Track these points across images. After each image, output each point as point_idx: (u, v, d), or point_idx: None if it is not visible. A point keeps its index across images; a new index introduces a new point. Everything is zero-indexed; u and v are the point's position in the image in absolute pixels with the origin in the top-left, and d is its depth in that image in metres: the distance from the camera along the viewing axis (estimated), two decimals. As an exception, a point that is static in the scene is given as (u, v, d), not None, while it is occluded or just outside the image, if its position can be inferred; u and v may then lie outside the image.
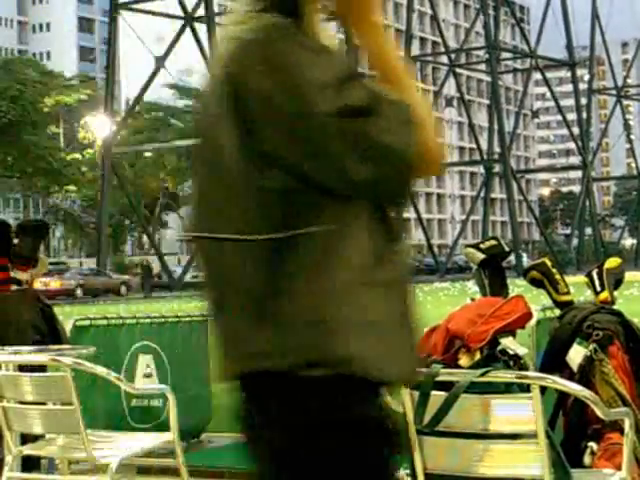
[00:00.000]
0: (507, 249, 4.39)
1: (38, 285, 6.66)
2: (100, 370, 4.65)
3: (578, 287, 5.25)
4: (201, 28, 56.37)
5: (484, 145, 77.24)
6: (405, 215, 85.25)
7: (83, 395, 4.71)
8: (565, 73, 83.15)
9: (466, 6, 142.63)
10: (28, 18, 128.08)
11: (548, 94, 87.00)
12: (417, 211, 77.44)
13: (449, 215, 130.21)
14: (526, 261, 70.54)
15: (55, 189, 70.21)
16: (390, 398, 3.54)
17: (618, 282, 4.38)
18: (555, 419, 4.07)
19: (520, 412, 3.30)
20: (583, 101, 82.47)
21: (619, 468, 3.62)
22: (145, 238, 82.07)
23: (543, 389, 3.31)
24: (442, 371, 3.40)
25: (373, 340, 2.08)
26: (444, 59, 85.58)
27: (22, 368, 5.04)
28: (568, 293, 4.33)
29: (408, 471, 3.64)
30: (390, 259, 2.14)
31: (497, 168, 76.75)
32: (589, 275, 4.38)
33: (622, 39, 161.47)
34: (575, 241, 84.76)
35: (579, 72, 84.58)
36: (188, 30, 56.59)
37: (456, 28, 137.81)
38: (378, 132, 2.05)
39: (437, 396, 3.37)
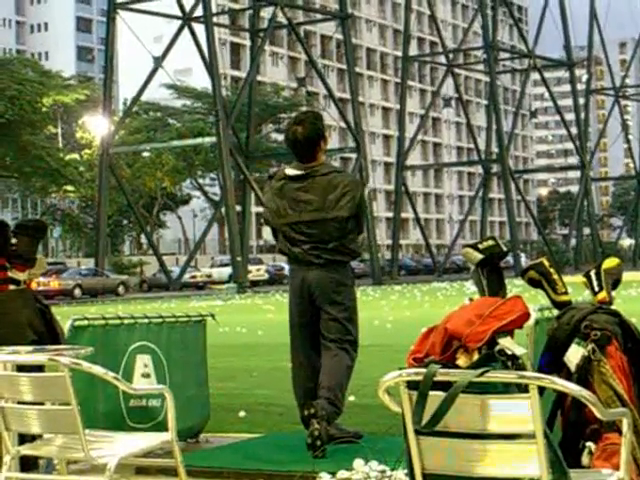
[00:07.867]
0: (505, 249, 4.37)
1: (36, 285, 6.63)
2: (98, 370, 4.63)
3: (576, 287, 5.25)
4: (199, 28, 56.37)
5: (482, 145, 77.24)
6: (403, 215, 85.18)
7: (81, 395, 4.70)
8: (563, 73, 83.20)
9: (464, 6, 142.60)
10: (26, 18, 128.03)
11: (546, 94, 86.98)
12: (415, 211, 77.38)
13: (447, 215, 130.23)
14: (524, 261, 70.57)
15: (53, 189, 70.14)
16: (388, 399, 3.55)
17: (616, 282, 4.38)
18: (553, 419, 4.07)
19: (518, 412, 3.30)
20: (581, 101, 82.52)
21: (617, 468, 3.63)
22: (143, 238, 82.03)
23: (541, 389, 3.31)
24: (440, 371, 3.40)
25: None
26: (442, 59, 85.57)
27: (20, 368, 5.04)
28: (566, 293, 4.32)
29: (406, 471, 3.63)
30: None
31: (495, 168, 76.74)
32: (587, 275, 4.37)
33: (620, 39, 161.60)
34: (573, 241, 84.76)
35: (577, 72, 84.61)
36: (186, 30, 56.59)
37: (454, 28, 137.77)
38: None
39: (435, 396, 3.37)
